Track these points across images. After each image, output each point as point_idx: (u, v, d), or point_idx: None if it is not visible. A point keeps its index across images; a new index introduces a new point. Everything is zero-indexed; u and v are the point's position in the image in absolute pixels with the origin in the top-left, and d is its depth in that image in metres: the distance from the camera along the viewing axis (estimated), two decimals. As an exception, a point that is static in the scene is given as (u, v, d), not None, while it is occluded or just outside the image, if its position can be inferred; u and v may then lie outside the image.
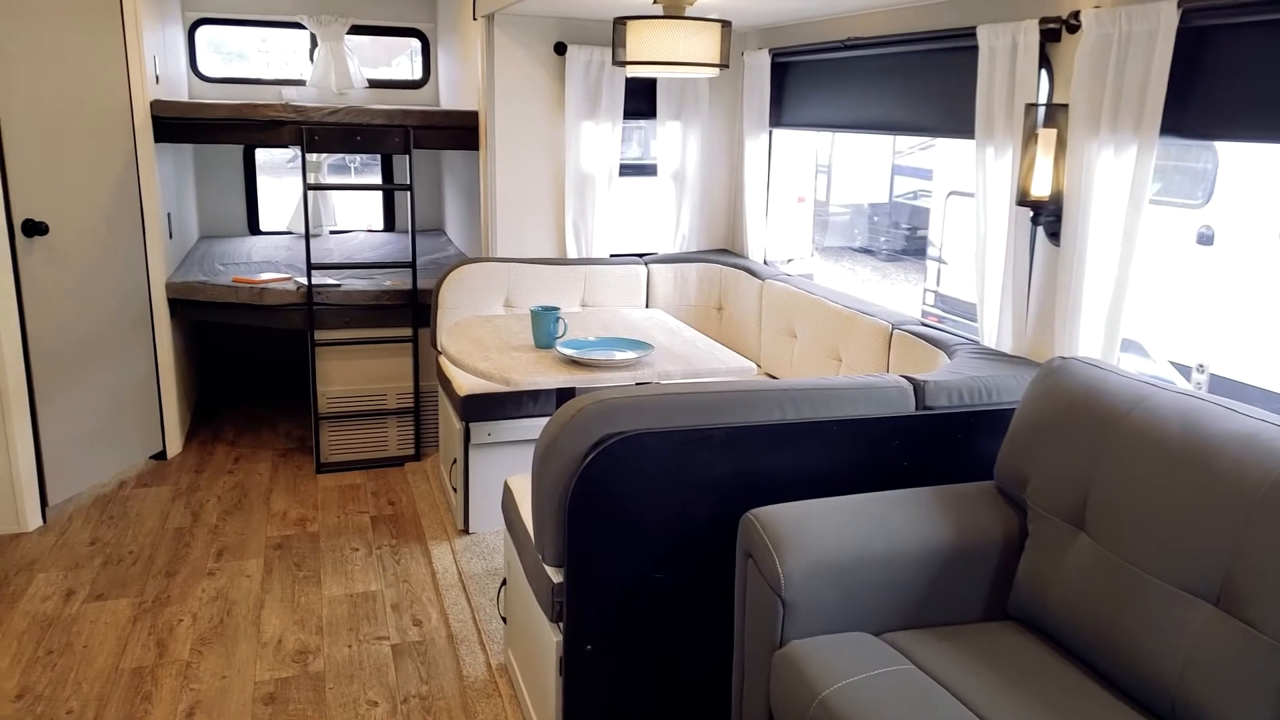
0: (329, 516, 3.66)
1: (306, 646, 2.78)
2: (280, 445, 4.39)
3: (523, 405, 3.42)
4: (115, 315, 3.82)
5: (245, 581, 3.14)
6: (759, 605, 1.91)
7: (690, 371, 2.72)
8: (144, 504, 3.70)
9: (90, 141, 3.64)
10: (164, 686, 2.58)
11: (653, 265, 3.99)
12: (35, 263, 3.40)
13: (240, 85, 5.49)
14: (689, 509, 2.09)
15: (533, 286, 3.84)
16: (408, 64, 6.53)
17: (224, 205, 5.61)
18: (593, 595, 2.08)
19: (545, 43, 3.82)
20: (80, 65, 3.57)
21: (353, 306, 4.06)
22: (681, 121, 4.01)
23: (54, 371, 3.51)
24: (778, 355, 3.54)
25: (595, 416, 2.04)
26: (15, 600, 2.97)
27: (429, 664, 2.71)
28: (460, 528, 3.51)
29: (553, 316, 2.94)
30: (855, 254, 11.84)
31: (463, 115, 4.20)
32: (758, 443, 2.10)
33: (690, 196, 4.10)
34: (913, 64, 3.03)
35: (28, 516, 3.42)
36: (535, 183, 3.95)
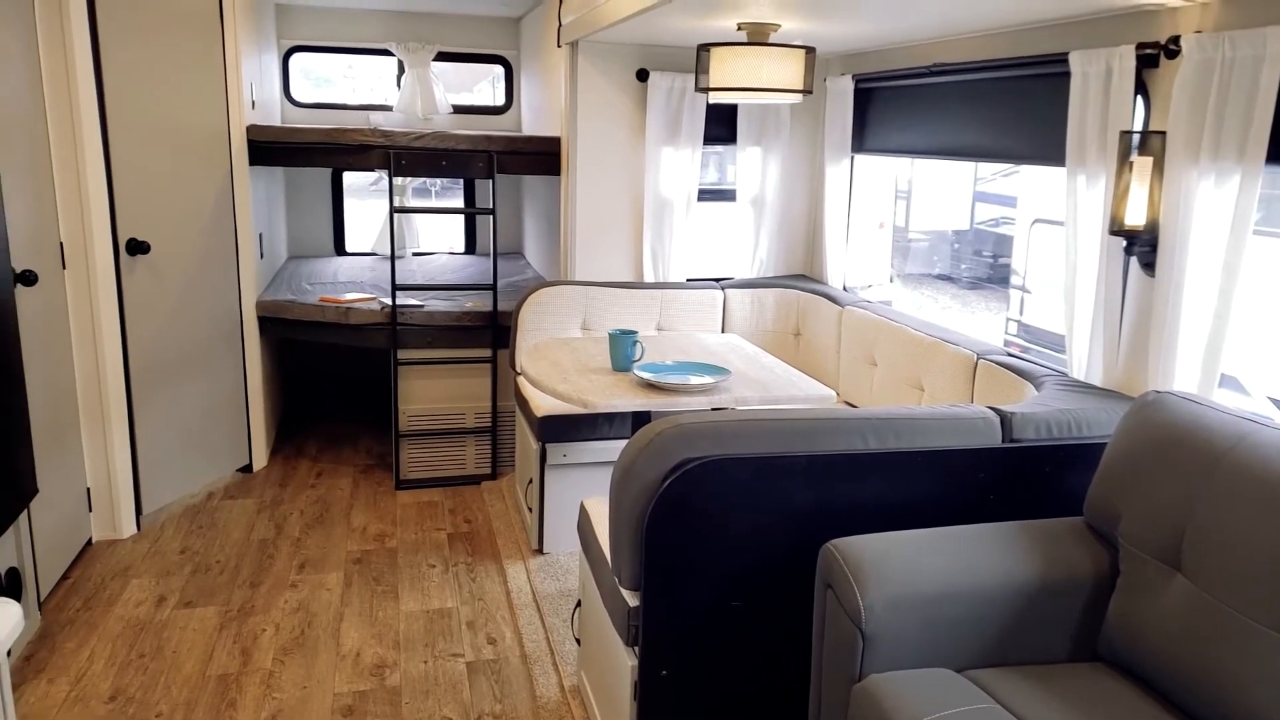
0: (407, 533, 3.72)
1: (384, 661, 2.83)
2: (361, 461, 4.49)
3: (598, 427, 3.44)
4: (208, 332, 3.97)
5: (325, 594, 3.21)
6: (838, 637, 1.88)
7: (768, 398, 2.71)
8: (231, 515, 3.82)
9: (190, 164, 3.81)
10: (248, 694, 2.65)
11: (729, 290, 3.99)
12: (137, 280, 3.55)
13: (329, 110, 5.69)
14: (767, 537, 2.07)
15: (610, 310, 3.87)
16: (489, 90, 6.69)
17: (312, 226, 5.80)
18: (669, 620, 2.07)
19: (627, 69, 3.87)
20: (183, 91, 3.74)
21: (434, 327, 4.14)
22: (762, 147, 4.01)
23: (151, 385, 3.66)
24: (857, 383, 3.50)
25: (674, 441, 2.04)
26: (111, 604, 3.09)
27: (503, 683, 2.73)
28: (535, 547, 3.54)
29: (630, 340, 2.96)
30: (935, 281, 11.65)
31: (545, 141, 4.27)
32: (839, 472, 2.08)
33: (769, 222, 4.09)
34: (1000, 90, 2.98)
35: (123, 524, 3.56)
36: (614, 207, 3.99)
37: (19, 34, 2.96)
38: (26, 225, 2.94)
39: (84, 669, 2.73)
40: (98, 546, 3.49)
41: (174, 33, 3.67)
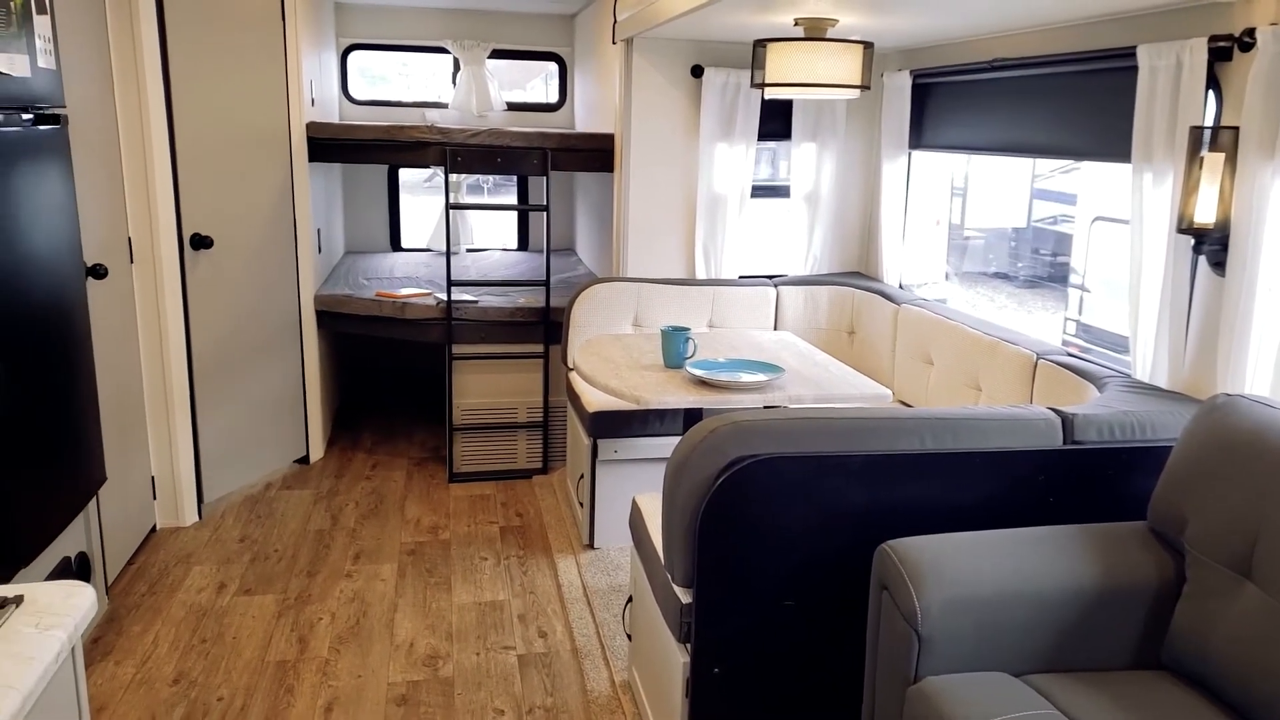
0: (460, 525, 3.76)
1: (437, 651, 2.87)
2: (415, 454, 4.56)
3: (649, 424, 3.44)
4: (268, 326, 4.05)
5: (380, 585, 3.26)
6: (893, 639, 1.86)
7: (822, 396, 2.69)
8: (288, 505, 3.89)
9: (252, 161, 3.89)
10: (305, 681, 2.70)
11: (782, 287, 3.96)
12: (200, 275, 3.64)
13: (386, 108, 5.77)
14: (821, 536, 2.06)
15: (661, 306, 3.87)
16: (541, 87, 6.72)
17: (368, 222, 5.89)
18: (721, 618, 2.07)
19: (682, 66, 3.86)
20: (246, 90, 3.82)
21: (488, 322, 4.18)
22: (817, 143, 3.97)
23: (212, 377, 3.75)
24: (912, 383, 3.45)
25: (728, 438, 2.03)
26: (174, 590, 3.17)
27: (554, 676, 2.75)
28: (585, 542, 3.56)
29: (683, 337, 2.96)
30: (990, 279, 11.45)
31: (599, 138, 4.28)
32: (895, 472, 2.05)
33: (823, 218, 4.06)
34: (1063, 85, 2.92)
35: (186, 512, 3.65)
36: (667, 204, 3.99)
37: (92, 40, 3.04)
38: (98, 221, 3.03)
39: (149, 652, 2.81)
40: (161, 533, 3.58)
41: (238, 33, 3.75)
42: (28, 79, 2.43)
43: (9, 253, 2.31)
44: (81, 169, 2.84)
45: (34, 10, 2.48)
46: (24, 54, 2.40)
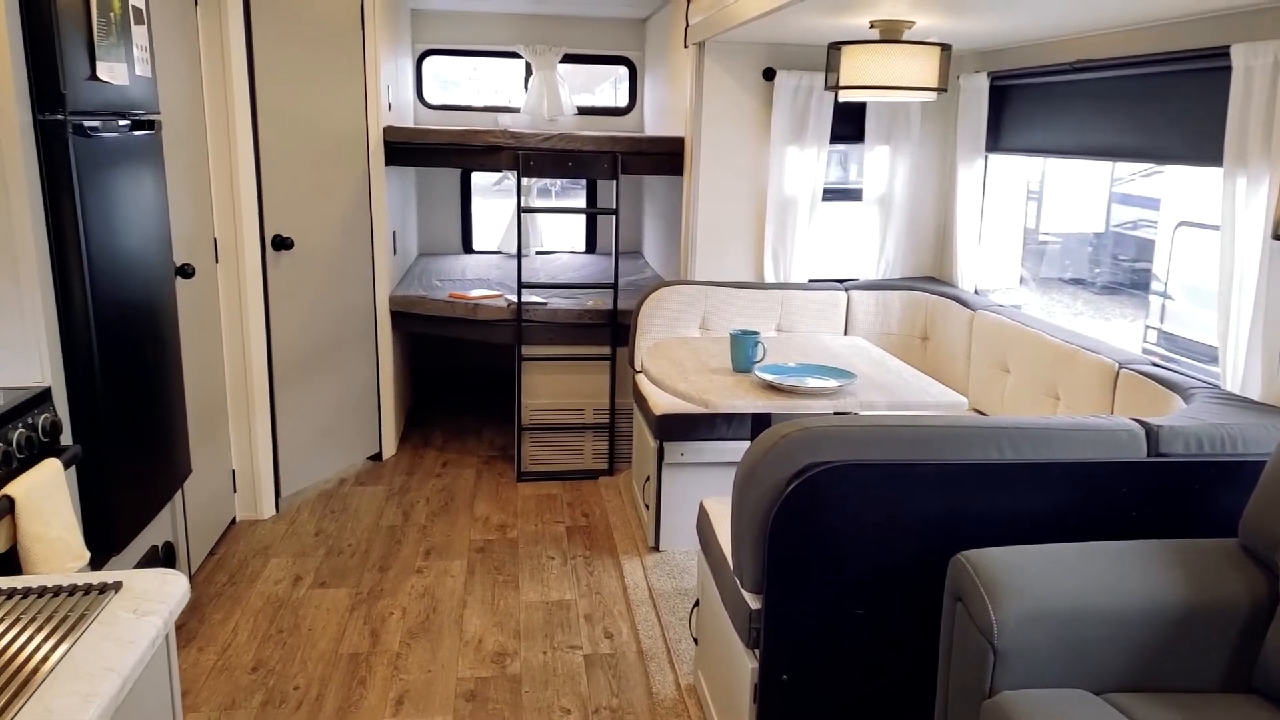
0: (527, 524, 3.81)
1: (505, 649, 2.90)
2: (484, 453, 4.62)
3: (716, 427, 3.44)
4: (345, 325, 4.15)
5: (450, 581, 3.32)
6: (968, 651, 1.82)
7: (896, 403, 2.65)
8: (361, 501, 3.98)
9: (331, 165, 3.99)
10: (377, 674, 2.76)
11: (854, 292, 3.92)
12: (281, 275, 3.75)
13: (458, 112, 5.87)
14: (894, 545, 2.03)
15: (729, 310, 3.86)
16: (610, 91, 6.75)
17: (441, 225, 5.99)
18: (791, 624, 2.05)
19: (754, 69, 3.85)
20: (326, 96, 3.92)
21: (557, 324, 4.22)
22: (891, 146, 3.93)
23: (291, 374, 3.86)
24: (988, 391, 3.39)
25: (800, 444, 2.02)
26: (253, 581, 3.27)
27: (619, 677, 2.76)
28: (651, 544, 3.57)
29: (752, 341, 2.95)
30: (1065, 285, 11.16)
31: (668, 141, 4.29)
32: (971, 482, 2.02)
33: (896, 222, 4.01)
34: (1149, 86, 2.84)
35: (264, 505, 3.76)
36: (736, 207, 3.98)
37: (185, 52, 3.16)
38: (186, 222, 3.14)
39: (229, 640, 2.90)
40: (240, 526, 3.70)
41: (319, 41, 3.85)
42: (126, 87, 2.53)
43: (111, 253, 2.41)
44: (172, 173, 2.95)
45: (132, 21, 2.58)
46: (123, 63, 2.50)
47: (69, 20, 2.21)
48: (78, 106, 2.26)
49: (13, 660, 1.14)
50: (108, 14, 2.40)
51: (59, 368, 2.29)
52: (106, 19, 2.40)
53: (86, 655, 1.16)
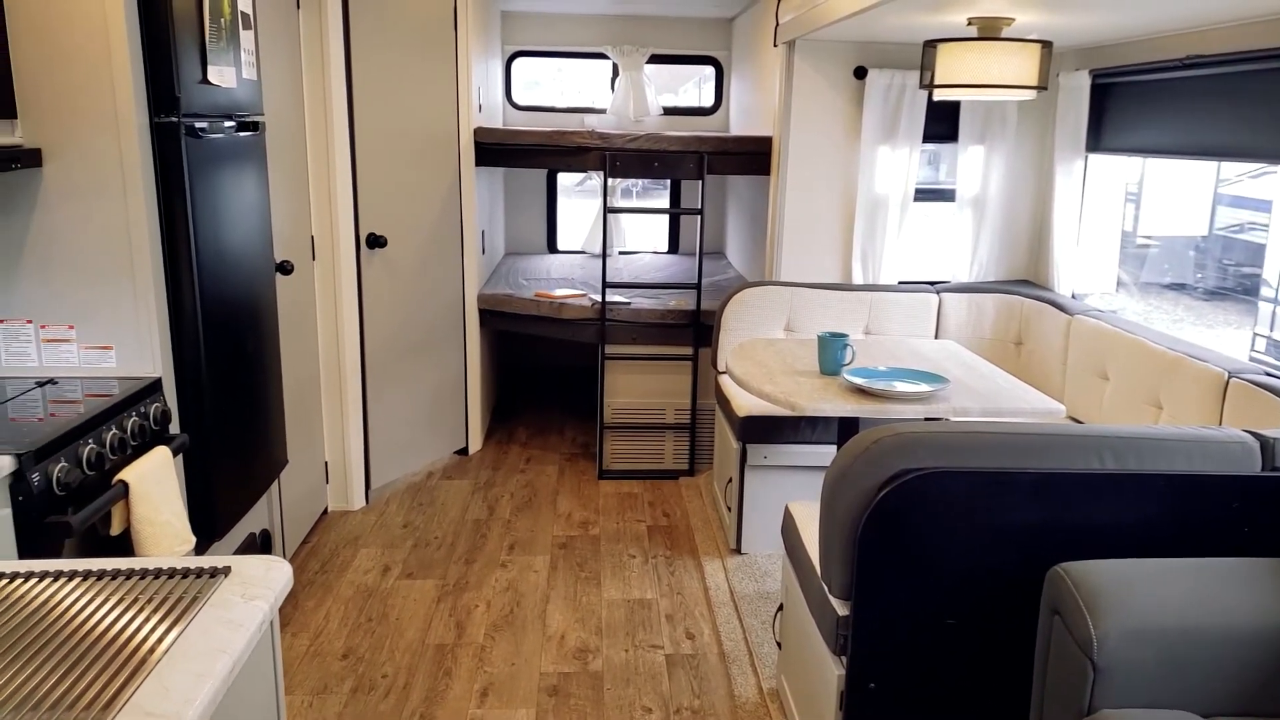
0: (609, 522, 3.83)
1: (587, 645, 2.93)
2: (566, 450, 4.66)
3: (801, 431, 3.40)
4: (434, 322, 4.24)
5: (533, 576, 3.36)
6: (1065, 667, 1.77)
7: (990, 410, 2.59)
8: (448, 495, 4.06)
9: (424, 165, 4.07)
10: (462, 665, 2.81)
11: (945, 294, 3.84)
12: (374, 272, 3.84)
13: (546, 113, 5.93)
14: (988, 555, 1.98)
15: (815, 312, 3.82)
16: (694, 91, 6.74)
17: (527, 224, 6.07)
18: (879, 632, 2.02)
19: (844, 67, 3.80)
20: (420, 97, 4.01)
21: (640, 324, 4.24)
22: (985, 145, 3.83)
23: (382, 369, 3.95)
24: (1085, 398, 3.28)
25: (892, 450, 1.99)
26: (343, 570, 3.36)
27: (701, 679, 2.76)
28: (732, 547, 3.55)
29: (840, 343, 2.91)
30: (1165, 291, 10.73)
31: (755, 141, 4.27)
32: (1070, 492, 1.95)
33: (990, 224, 3.91)
34: (1266, 83, 2.71)
35: (354, 497, 3.87)
36: (824, 207, 3.94)
37: (287, 55, 3.27)
38: (286, 221, 3.25)
39: (321, 627, 2.99)
40: (332, 516, 3.81)
41: (414, 43, 3.94)
42: (233, 89, 2.62)
43: (218, 250, 2.50)
44: (273, 172, 3.06)
45: (240, 26, 2.68)
46: (232, 66, 2.60)
47: (184, 27, 2.30)
48: (190, 109, 2.35)
49: (132, 639, 1.19)
50: (219, 19, 2.50)
51: (169, 360, 2.39)
52: (217, 24, 2.49)
53: (199, 636, 1.21)
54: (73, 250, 2.26)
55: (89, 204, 2.24)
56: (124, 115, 2.20)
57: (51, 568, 1.36)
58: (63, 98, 2.17)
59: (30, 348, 2.30)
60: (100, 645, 1.17)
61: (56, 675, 1.10)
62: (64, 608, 1.25)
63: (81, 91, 2.17)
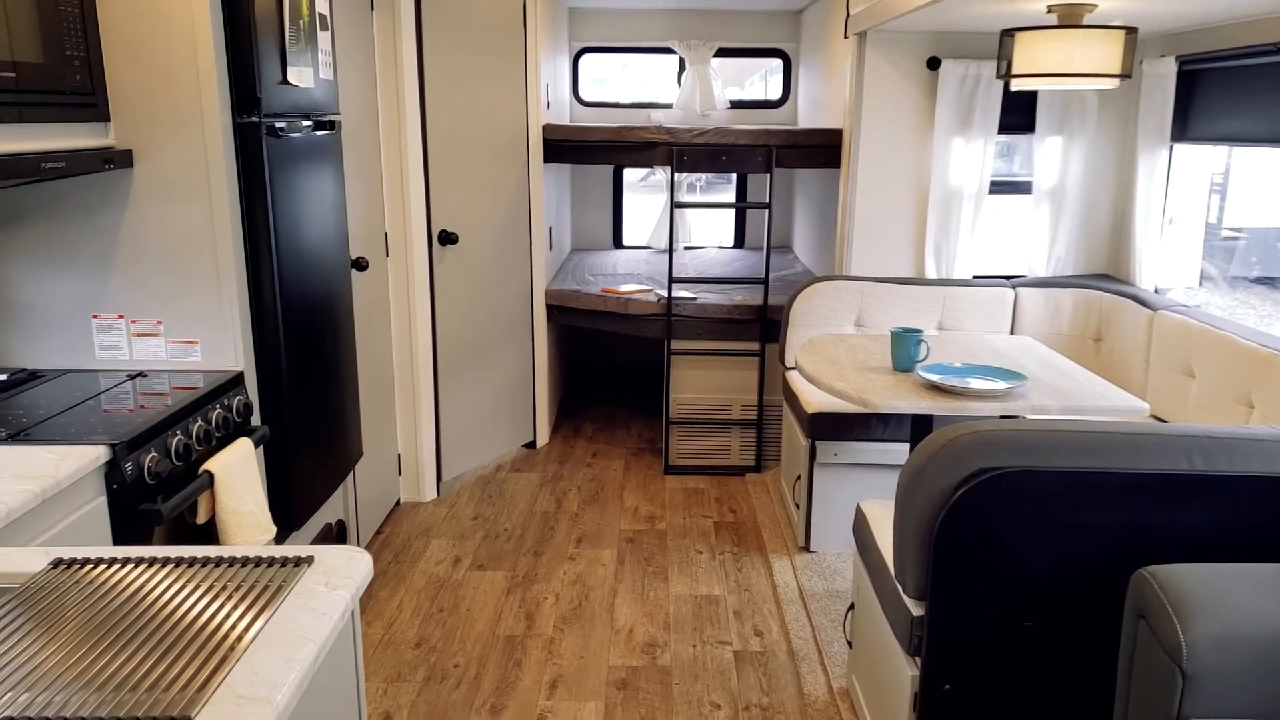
0: (675, 517, 3.83)
1: (655, 640, 2.93)
2: (632, 445, 4.68)
3: (872, 428, 3.36)
4: (503, 317, 4.29)
5: (600, 570, 3.38)
6: (1151, 674, 1.71)
7: (1070, 408, 2.52)
8: (516, 487, 4.10)
9: (493, 162, 4.12)
10: (531, 656, 2.84)
11: (1021, 289, 3.75)
12: (446, 268, 3.90)
13: (612, 109, 5.94)
14: (1069, 557, 1.93)
15: (887, 306, 3.76)
16: (760, 84, 6.69)
17: (593, 220, 6.10)
18: (955, 634, 1.98)
19: (917, 58, 3.73)
20: (490, 95, 4.05)
21: (706, 319, 4.22)
22: (1064, 136, 3.73)
23: (453, 364, 4.01)
24: (1169, 397, 3.17)
25: (970, 448, 1.94)
26: (415, 560, 3.43)
27: (770, 676, 2.74)
28: (801, 544, 3.52)
29: (914, 339, 2.86)
30: (1253, 285, 10.31)
31: (825, 134, 4.22)
32: (1157, 494, 1.89)
33: (1068, 216, 3.80)
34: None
35: (426, 489, 3.93)
36: (895, 200, 3.88)
37: (362, 54, 3.33)
38: (361, 218, 3.31)
39: (394, 616, 3.05)
40: (404, 507, 3.88)
41: (484, 41, 3.98)
42: (311, 89, 2.68)
43: (297, 247, 2.57)
44: (349, 170, 3.12)
45: (318, 27, 2.74)
46: (309, 67, 2.65)
47: (265, 29, 2.36)
48: (270, 109, 2.41)
49: (221, 625, 1.23)
50: (298, 21, 2.56)
51: (250, 354, 2.46)
52: (297, 26, 2.55)
53: (285, 624, 1.24)
54: (161, 248, 2.34)
55: (176, 203, 2.31)
56: (209, 116, 2.26)
57: (145, 554, 1.41)
58: (152, 101, 2.24)
59: (122, 342, 2.39)
60: (192, 630, 1.20)
61: (153, 658, 1.14)
62: (157, 594, 1.30)
63: (169, 94, 2.24)
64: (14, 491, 1.62)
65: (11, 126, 1.85)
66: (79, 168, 2.06)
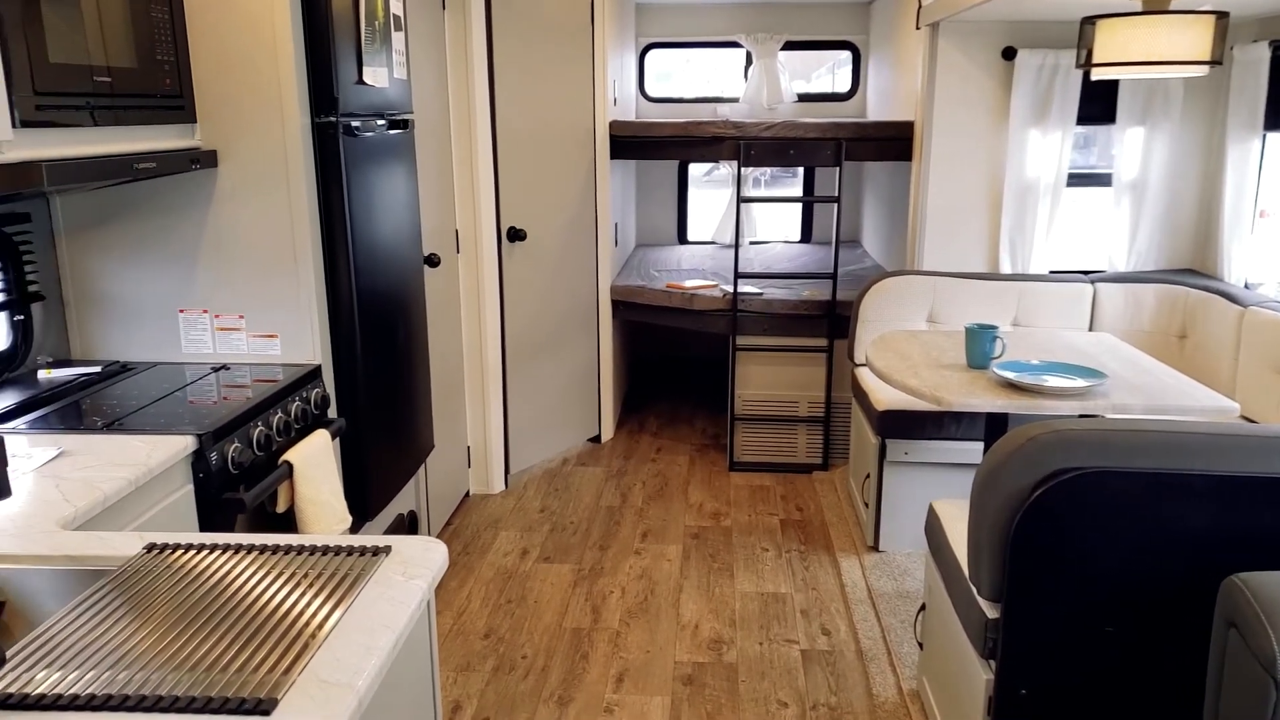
0: (741, 514, 3.81)
1: (721, 636, 2.93)
2: (697, 441, 4.67)
3: (944, 426, 3.30)
4: (570, 313, 4.32)
5: (666, 565, 3.38)
6: (1243, 685, 1.65)
7: (1154, 408, 2.44)
8: (582, 481, 4.13)
9: (560, 159, 4.14)
10: (598, 650, 2.86)
11: (1100, 285, 3.64)
12: (514, 265, 3.94)
13: (677, 104, 5.93)
14: (1153, 561, 1.87)
15: (960, 302, 3.69)
16: (827, 77, 6.60)
17: (657, 216, 6.10)
18: (1031, 637, 1.94)
19: (992, 49, 3.65)
20: (558, 93, 4.07)
21: (772, 314, 4.19)
22: (1146, 126, 3.61)
23: (521, 358, 4.05)
24: (1260, 396, 3.05)
25: (1049, 447, 1.90)
26: (484, 552, 3.47)
27: (838, 676, 2.72)
28: (870, 544, 3.48)
29: (990, 335, 2.80)
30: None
31: (896, 126, 4.15)
32: (1249, 497, 1.82)
33: (1151, 209, 3.68)
34: None
35: (494, 481, 3.98)
36: (969, 194, 3.80)
37: (434, 54, 3.38)
38: (433, 215, 3.37)
39: (464, 606, 3.10)
40: (473, 499, 3.93)
41: (552, 39, 4.00)
42: (385, 89, 2.73)
43: (371, 244, 2.62)
44: (421, 168, 3.17)
45: (393, 28, 2.78)
46: (384, 67, 2.70)
47: (342, 31, 2.41)
48: (346, 109, 2.46)
49: (303, 612, 1.26)
50: (373, 22, 2.60)
51: (327, 347, 2.52)
52: (372, 28, 2.60)
53: (365, 612, 1.27)
54: (243, 245, 2.40)
55: (257, 201, 2.38)
56: (289, 116, 2.32)
57: (230, 540, 1.45)
58: (235, 102, 2.31)
59: (206, 336, 2.46)
60: (276, 616, 1.24)
61: (240, 642, 1.17)
62: (242, 579, 1.34)
63: (251, 96, 2.30)
64: (111, 478, 1.69)
65: (108, 129, 1.92)
66: (168, 168, 2.13)
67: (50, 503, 1.60)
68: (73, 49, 1.79)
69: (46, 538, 1.47)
